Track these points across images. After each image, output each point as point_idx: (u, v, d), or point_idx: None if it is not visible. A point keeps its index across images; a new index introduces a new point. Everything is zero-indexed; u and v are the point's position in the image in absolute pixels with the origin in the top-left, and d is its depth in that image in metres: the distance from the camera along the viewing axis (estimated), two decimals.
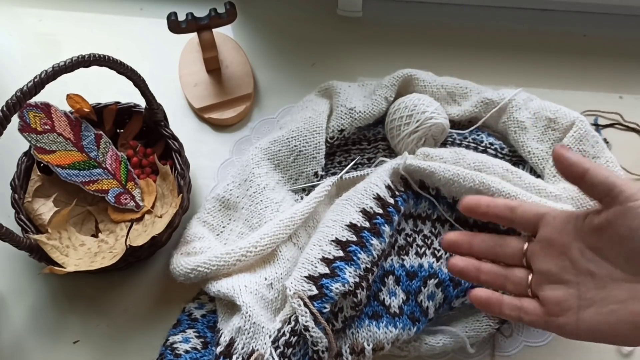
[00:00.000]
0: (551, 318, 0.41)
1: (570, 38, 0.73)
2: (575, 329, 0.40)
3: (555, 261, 0.41)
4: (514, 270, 0.44)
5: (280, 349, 0.46)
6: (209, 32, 0.65)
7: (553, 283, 0.41)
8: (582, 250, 0.40)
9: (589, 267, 0.40)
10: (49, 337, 0.56)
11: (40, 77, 0.46)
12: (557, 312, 0.41)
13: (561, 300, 0.40)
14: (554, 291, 0.41)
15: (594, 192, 0.40)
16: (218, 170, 0.64)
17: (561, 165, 0.41)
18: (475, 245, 0.45)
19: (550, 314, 0.41)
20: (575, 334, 0.40)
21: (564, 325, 0.40)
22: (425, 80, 0.64)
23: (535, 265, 0.43)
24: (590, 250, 0.40)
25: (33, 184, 0.57)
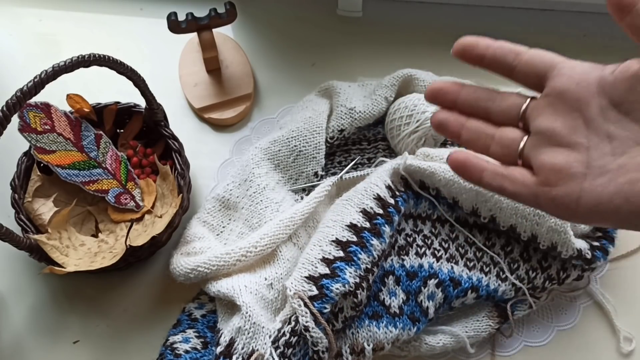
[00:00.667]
0: (544, 188, 0.32)
1: (570, 38, 0.73)
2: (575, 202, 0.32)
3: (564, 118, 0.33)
4: (505, 130, 0.35)
5: (281, 349, 0.46)
6: (209, 32, 0.65)
7: (555, 146, 0.33)
8: (604, 108, 0.32)
9: (609, 129, 0.32)
10: (49, 337, 0.56)
11: (40, 77, 0.46)
12: (555, 180, 0.32)
13: (563, 166, 0.32)
14: (554, 155, 0.33)
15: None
16: (218, 170, 0.64)
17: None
18: (464, 95, 0.37)
19: (545, 182, 0.32)
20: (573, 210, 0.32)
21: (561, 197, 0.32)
22: (425, 80, 0.64)
23: (535, 124, 0.34)
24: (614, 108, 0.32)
25: (33, 184, 0.57)
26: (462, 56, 0.36)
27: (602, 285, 0.57)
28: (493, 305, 0.55)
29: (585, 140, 0.32)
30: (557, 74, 0.34)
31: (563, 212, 0.32)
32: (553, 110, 0.33)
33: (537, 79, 0.34)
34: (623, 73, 0.31)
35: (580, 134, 0.32)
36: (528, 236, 0.53)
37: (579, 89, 0.33)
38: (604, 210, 0.31)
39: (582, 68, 0.33)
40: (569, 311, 0.56)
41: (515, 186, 0.34)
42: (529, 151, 0.34)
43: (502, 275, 0.54)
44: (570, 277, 0.54)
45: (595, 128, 0.32)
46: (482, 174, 0.35)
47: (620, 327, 0.55)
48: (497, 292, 0.53)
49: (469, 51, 0.36)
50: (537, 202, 0.33)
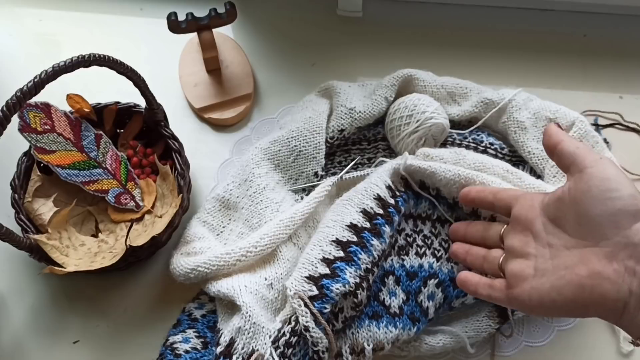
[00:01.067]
0: (509, 291, 0.44)
1: (570, 38, 0.73)
2: (528, 299, 0.42)
3: (520, 236, 0.45)
4: (492, 251, 0.48)
5: (281, 349, 0.46)
6: (209, 32, 0.65)
7: (516, 257, 0.45)
8: (545, 223, 0.43)
9: (549, 239, 0.43)
10: (49, 337, 0.56)
11: (40, 77, 0.46)
12: (514, 283, 0.43)
13: (518, 272, 0.43)
14: (514, 264, 0.44)
15: (563, 163, 0.44)
16: (218, 170, 0.64)
17: (544, 137, 0.45)
18: (469, 231, 0.52)
19: (509, 286, 0.44)
20: (528, 305, 0.42)
21: (518, 296, 0.42)
22: (425, 80, 0.64)
23: (505, 243, 0.47)
24: (551, 223, 0.43)
25: (33, 184, 0.57)
26: (464, 200, 0.52)
27: None
28: (493, 305, 0.55)
29: (534, 250, 0.43)
30: (516, 204, 0.46)
31: (523, 308, 0.43)
32: (514, 231, 0.46)
33: (507, 209, 0.48)
34: (553, 196, 0.43)
35: (530, 246, 0.44)
36: None
37: (528, 213, 0.45)
38: (547, 303, 0.41)
39: (531, 197, 0.46)
40: None
41: (495, 293, 0.45)
42: (504, 264, 0.46)
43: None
44: None
45: (540, 240, 0.43)
46: (477, 287, 0.47)
47: None
48: None
49: (466, 197, 0.51)
50: (508, 302, 0.44)
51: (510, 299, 0.43)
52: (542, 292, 0.41)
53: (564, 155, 0.43)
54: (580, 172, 0.41)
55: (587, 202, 0.40)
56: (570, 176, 0.42)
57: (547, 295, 0.41)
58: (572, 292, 0.39)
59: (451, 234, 0.54)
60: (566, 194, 0.42)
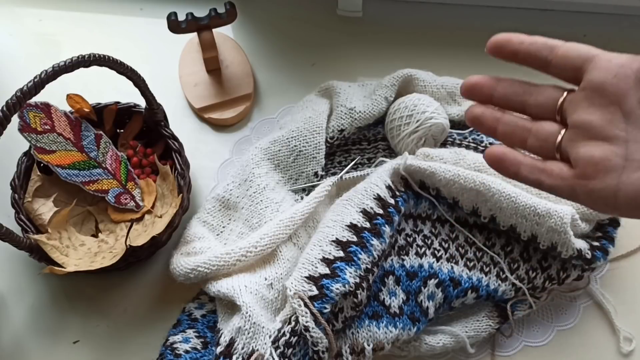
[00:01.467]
0: (582, 181, 0.32)
1: (570, 38, 0.72)
2: (613, 195, 0.31)
3: (602, 112, 0.33)
4: (542, 124, 0.35)
5: (281, 349, 0.46)
6: (209, 32, 0.65)
7: (593, 139, 0.32)
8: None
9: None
10: (49, 337, 0.56)
11: (40, 77, 0.46)
12: (593, 173, 0.32)
13: (601, 159, 0.32)
14: (592, 148, 0.32)
15: None
16: (218, 170, 0.64)
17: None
18: (500, 89, 0.37)
19: (582, 176, 0.32)
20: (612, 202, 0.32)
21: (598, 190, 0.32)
22: (425, 80, 0.64)
23: (572, 117, 0.34)
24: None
25: (33, 184, 0.57)
26: (496, 53, 0.37)
27: (602, 285, 0.57)
28: (493, 305, 0.55)
29: (623, 133, 0.32)
30: (594, 67, 0.34)
31: (601, 206, 0.32)
32: (590, 103, 0.33)
33: (574, 72, 0.34)
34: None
35: (619, 127, 0.32)
36: (528, 236, 0.53)
37: (617, 81, 0.32)
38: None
39: (620, 60, 0.33)
40: (569, 311, 0.57)
41: (552, 180, 0.33)
42: (567, 144, 0.33)
43: (502, 275, 0.54)
44: (570, 277, 0.54)
45: (634, 121, 0.32)
46: (519, 168, 0.35)
47: (620, 327, 0.55)
48: (497, 292, 0.53)
49: (503, 48, 0.36)
50: (574, 196, 0.33)
51: (580, 192, 0.32)
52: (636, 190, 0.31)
53: None
54: None
55: None
56: None
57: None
58: None
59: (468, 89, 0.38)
60: None
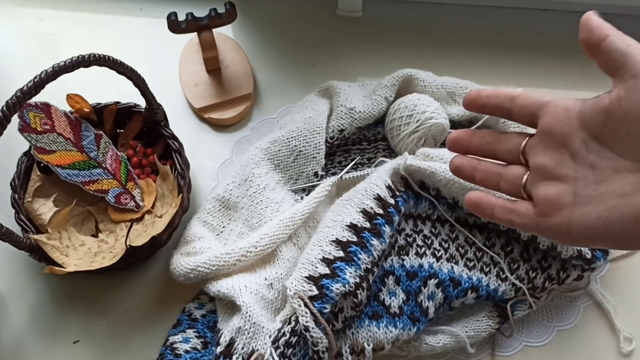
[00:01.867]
0: (542, 219, 0.37)
1: (570, 38, 0.73)
2: (567, 230, 0.36)
3: (553, 154, 0.37)
4: (511, 168, 0.40)
5: (281, 349, 0.46)
6: (209, 32, 0.65)
7: (548, 180, 0.37)
8: (585, 140, 0.36)
9: (591, 159, 0.35)
10: (49, 337, 0.56)
11: (40, 77, 0.46)
12: (549, 211, 0.37)
13: (554, 198, 0.36)
14: (547, 188, 0.37)
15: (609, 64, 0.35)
16: (218, 170, 0.64)
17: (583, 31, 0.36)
18: (475, 141, 0.42)
19: (541, 214, 0.37)
20: (567, 236, 0.36)
21: (555, 226, 0.36)
22: (425, 80, 0.64)
23: (531, 160, 0.39)
24: (594, 140, 0.35)
25: (33, 184, 0.57)
26: (469, 107, 0.42)
27: (602, 285, 0.57)
28: (493, 305, 0.55)
29: (572, 172, 0.36)
30: (545, 113, 0.38)
31: (560, 239, 0.37)
32: (544, 146, 0.38)
33: (531, 118, 0.39)
34: (597, 107, 0.35)
35: (568, 167, 0.36)
36: (528, 236, 0.53)
37: (563, 125, 0.36)
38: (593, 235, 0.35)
39: (565, 105, 0.37)
40: (569, 311, 0.57)
41: (520, 219, 0.38)
42: (530, 185, 0.38)
43: (502, 275, 0.54)
44: (570, 277, 0.54)
45: (579, 159, 0.36)
46: (493, 210, 0.40)
47: (620, 327, 0.55)
48: (497, 292, 0.53)
49: (474, 102, 0.41)
50: (539, 231, 0.38)
51: (541, 228, 0.37)
52: (585, 223, 0.35)
53: (611, 55, 0.35)
54: (634, 78, 0.33)
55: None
56: (620, 82, 0.34)
57: (592, 227, 0.35)
58: (625, 225, 0.33)
59: (450, 144, 0.43)
60: (615, 104, 0.34)
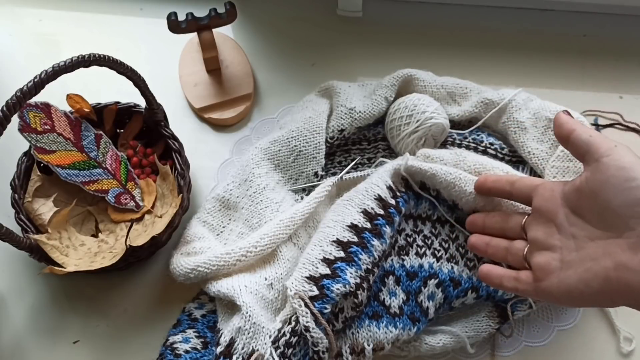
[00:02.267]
0: (537, 283, 0.43)
1: (570, 38, 0.73)
2: (557, 291, 0.42)
3: (543, 228, 0.44)
4: (515, 243, 0.47)
5: (281, 349, 0.46)
6: (209, 32, 0.65)
7: (541, 250, 0.44)
8: (567, 214, 0.43)
9: (572, 230, 0.42)
10: (49, 337, 0.56)
11: (40, 77, 0.46)
12: (542, 276, 0.43)
13: (545, 265, 0.43)
14: (540, 257, 0.44)
15: (577, 152, 0.43)
16: (218, 170, 0.64)
17: (555, 126, 0.45)
18: (487, 222, 0.51)
19: (536, 279, 0.43)
20: (557, 297, 0.42)
21: (546, 289, 0.42)
22: (425, 80, 0.64)
23: (529, 234, 0.46)
24: (573, 214, 0.43)
25: (33, 184, 0.57)
26: (480, 191, 0.52)
27: None
28: (493, 305, 0.55)
29: (558, 242, 0.43)
30: (535, 194, 0.46)
31: (552, 300, 0.43)
32: (537, 222, 0.45)
33: (527, 199, 0.47)
34: (573, 186, 0.43)
35: (555, 238, 0.43)
36: None
37: (549, 204, 0.44)
38: (575, 296, 0.41)
39: (551, 187, 0.45)
40: (569, 311, 0.56)
41: (522, 285, 0.45)
42: (529, 256, 0.45)
43: None
44: None
45: (563, 231, 0.43)
46: (501, 280, 0.46)
47: (620, 327, 0.55)
48: (497, 292, 0.53)
49: (482, 186, 0.51)
50: (536, 295, 0.44)
51: (538, 292, 0.43)
52: (569, 284, 0.41)
53: (577, 145, 0.43)
54: (596, 162, 0.41)
55: (606, 193, 0.39)
56: (587, 165, 0.42)
57: (574, 287, 0.40)
58: (598, 284, 0.39)
59: (469, 226, 0.53)
60: (584, 184, 0.41)
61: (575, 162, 0.56)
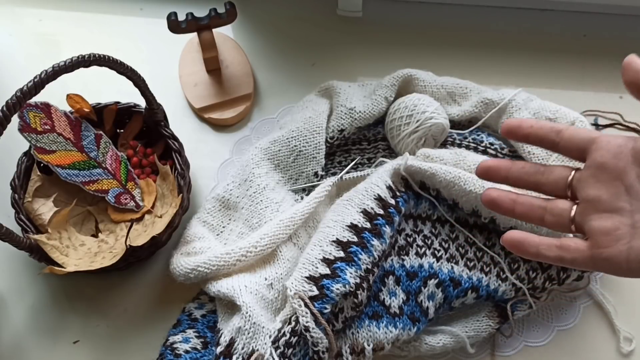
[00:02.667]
0: (598, 250, 0.37)
1: (570, 38, 0.73)
2: (626, 260, 0.36)
3: (607, 187, 0.37)
4: (556, 202, 0.40)
5: (281, 349, 0.46)
6: (209, 32, 0.65)
7: (603, 212, 0.37)
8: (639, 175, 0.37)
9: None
10: (49, 337, 0.56)
11: (40, 77, 0.46)
12: (606, 242, 0.36)
13: (611, 229, 0.36)
14: (603, 220, 0.37)
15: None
16: (218, 170, 0.64)
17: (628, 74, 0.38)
18: (514, 171, 0.42)
19: (597, 245, 0.37)
20: (626, 267, 0.36)
21: (613, 257, 0.36)
22: (425, 80, 0.64)
23: (582, 193, 0.39)
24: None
25: (33, 184, 0.57)
26: (510, 135, 0.42)
27: (602, 285, 0.57)
28: (493, 305, 0.55)
29: (628, 205, 0.36)
30: (596, 148, 0.38)
31: (616, 270, 0.37)
32: (596, 180, 0.38)
33: (579, 152, 0.39)
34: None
35: (623, 200, 0.37)
36: None
37: (617, 160, 0.37)
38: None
39: (617, 141, 0.38)
40: (569, 311, 0.57)
41: (572, 254, 0.38)
42: (580, 218, 0.38)
43: (502, 275, 0.54)
44: (570, 277, 0.54)
45: (634, 194, 0.36)
46: (538, 248, 0.39)
47: (620, 327, 0.55)
48: (497, 292, 0.53)
49: (515, 132, 0.41)
50: (593, 264, 0.37)
51: (599, 260, 0.37)
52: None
53: None
54: None
55: None
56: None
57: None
58: None
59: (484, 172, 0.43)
60: None
61: (575, 163, 0.56)
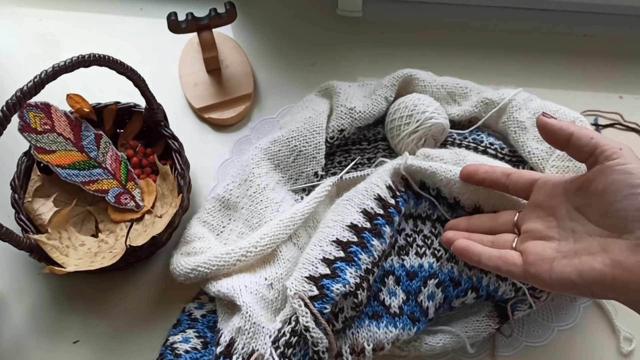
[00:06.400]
0: (529, 267, 0.44)
1: (570, 38, 0.73)
2: (549, 277, 0.42)
3: (542, 221, 0.45)
4: (502, 235, 0.48)
5: (281, 349, 0.46)
6: (209, 32, 0.65)
7: (536, 239, 0.45)
8: (569, 210, 0.44)
9: (572, 226, 0.44)
10: (49, 337, 0.56)
11: (40, 77, 0.46)
12: (534, 261, 0.44)
13: (540, 251, 0.44)
14: (535, 245, 0.45)
15: (580, 154, 0.44)
16: (218, 170, 0.64)
17: (547, 133, 0.45)
18: (472, 224, 0.51)
19: (528, 263, 0.44)
20: (548, 283, 0.43)
21: (538, 273, 0.43)
22: (425, 80, 0.64)
23: (524, 227, 0.47)
24: (575, 210, 0.44)
25: (33, 184, 0.57)
26: (469, 180, 0.51)
27: None
28: (493, 305, 0.55)
29: (557, 235, 0.44)
30: (536, 189, 0.47)
31: (541, 284, 0.43)
32: (535, 216, 0.46)
33: (524, 193, 0.48)
34: (575, 185, 0.44)
35: (554, 231, 0.44)
36: None
37: (551, 199, 0.45)
38: (567, 284, 0.41)
39: (553, 182, 0.46)
40: (569, 311, 0.57)
41: (508, 266, 0.45)
42: (519, 245, 0.46)
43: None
44: None
45: (563, 226, 0.44)
46: (480, 257, 0.46)
47: (620, 327, 0.55)
48: (497, 292, 0.53)
49: (472, 177, 0.50)
50: (524, 277, 0.44)
51: (528, 274, 0.44)
52: (563, 272, 0.42)
53: (581, 147, 0.43)
54: (600, 164, 0.42)
55: (610, 196, 0.40)
56: (590, 167, 0.43)
57: (567, 277, 0.41)
58: (593, 277, 0.40)
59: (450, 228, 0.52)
60: (587, 184, 0.42)
61: (575, 162, 0.56)
